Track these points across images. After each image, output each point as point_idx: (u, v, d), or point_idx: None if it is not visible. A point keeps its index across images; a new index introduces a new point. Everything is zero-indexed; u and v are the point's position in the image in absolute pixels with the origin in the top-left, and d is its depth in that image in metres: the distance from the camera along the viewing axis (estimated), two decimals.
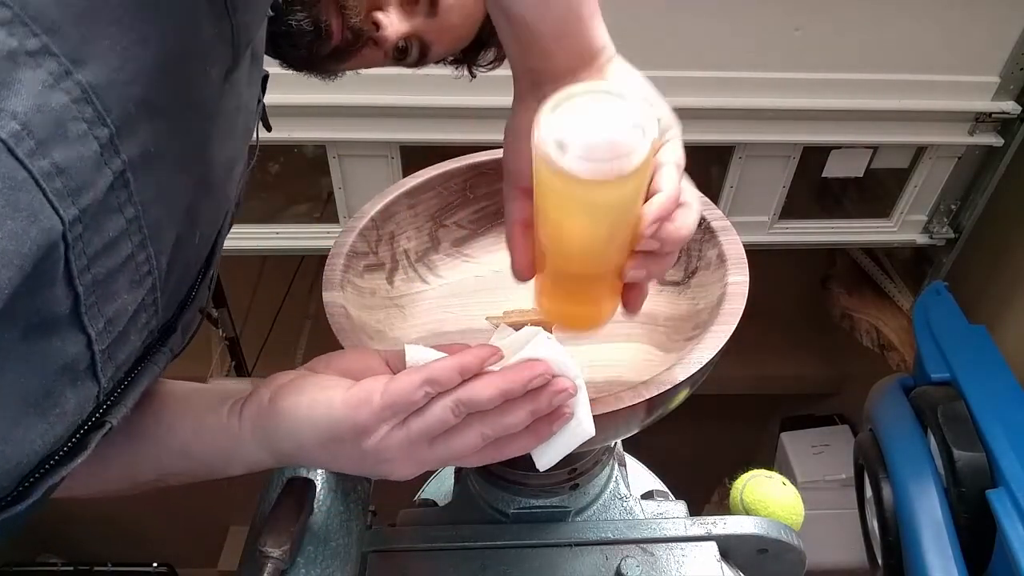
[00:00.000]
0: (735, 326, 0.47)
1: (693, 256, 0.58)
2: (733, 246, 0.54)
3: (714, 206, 0.57)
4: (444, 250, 0.64)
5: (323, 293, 0.52)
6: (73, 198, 0.28)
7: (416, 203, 0.61)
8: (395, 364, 0.43)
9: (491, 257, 0.64)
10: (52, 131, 0.27)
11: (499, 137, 0.64)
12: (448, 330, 0.58)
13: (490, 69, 0.69)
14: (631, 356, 0.56)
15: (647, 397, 0.43)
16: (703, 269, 0.56)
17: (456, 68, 0.70)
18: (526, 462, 0.55)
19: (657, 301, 0.59)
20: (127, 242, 0.31)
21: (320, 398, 0.40)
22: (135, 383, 0.36)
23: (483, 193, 0.65)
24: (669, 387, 0.43)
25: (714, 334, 0.47)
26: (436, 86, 1.32)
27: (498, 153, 0.63)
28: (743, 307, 0.49)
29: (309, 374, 0.43)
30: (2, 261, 0.26)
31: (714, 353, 0.45)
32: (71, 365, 0.31)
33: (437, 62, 0.66)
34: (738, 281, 0.51)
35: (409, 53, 0.62)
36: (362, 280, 0.57)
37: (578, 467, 0.57)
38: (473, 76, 0.70)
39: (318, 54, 0.58)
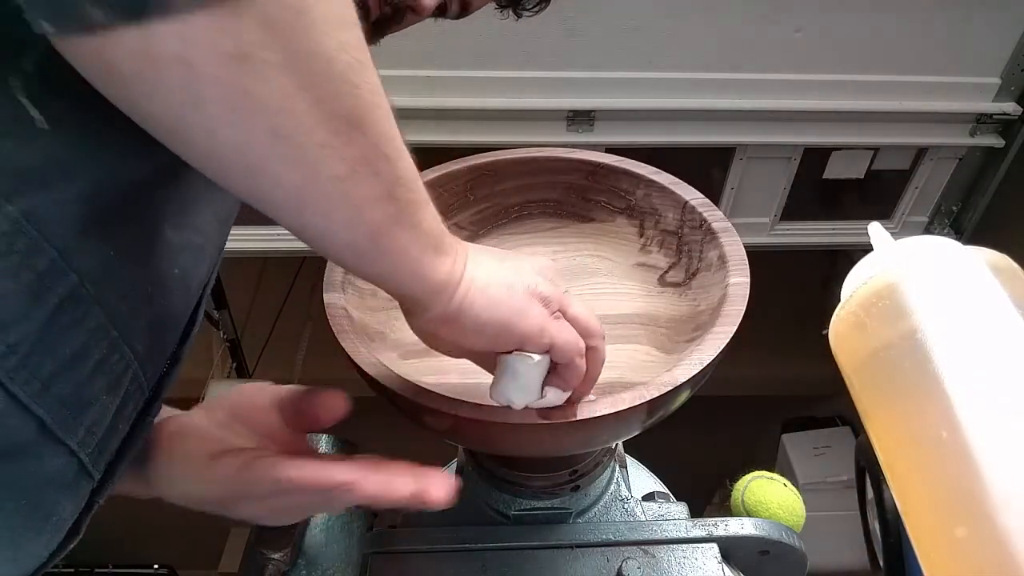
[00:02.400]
0: (736, 327, 0.47)
1: (694, 257, 0.58)
2: (734, 247, 0.54)
3: (715, 207, 0.57)
4: None
5: (324, 294, 0.52)
6: None
7: None
8: (287, 402, 0.45)
9: None
10: None
11: (499, 138, 0.63)
12: None
13: (536, 12, 0.65)
14: (632, 357, 0.56)
15: (648, 398, 0.42)
16: (704, 270, 0.56)
17: (502, 11, 0.67)
18: (526, 463, 0.55)
19: (658, 302, 0.59)
20: (94, 350, 0.31)
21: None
22: (122, 460, 0.36)
23: (484, 195, 0.65)
24: (670, 388, 0.43)
25: (715, 335, 0.47)
26: (436, 87, 1.33)
27: (499, 155, 0.63)
28: (744, 308, 0.49)
29: (192, 432, 0.44)
30: None
31: (715, 354, 0.45)
32: (57, 477, 0.31)
33: (480, 7, 0.64)
34: (739, 282, 0.51)
35: (449, 9, 0.61)
36: (363, 281, 0.57)
37: (579, 469, 0.57)
38: (519, 16, 0.66)
39: None
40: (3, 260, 0.27)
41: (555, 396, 0.42)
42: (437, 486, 0.39)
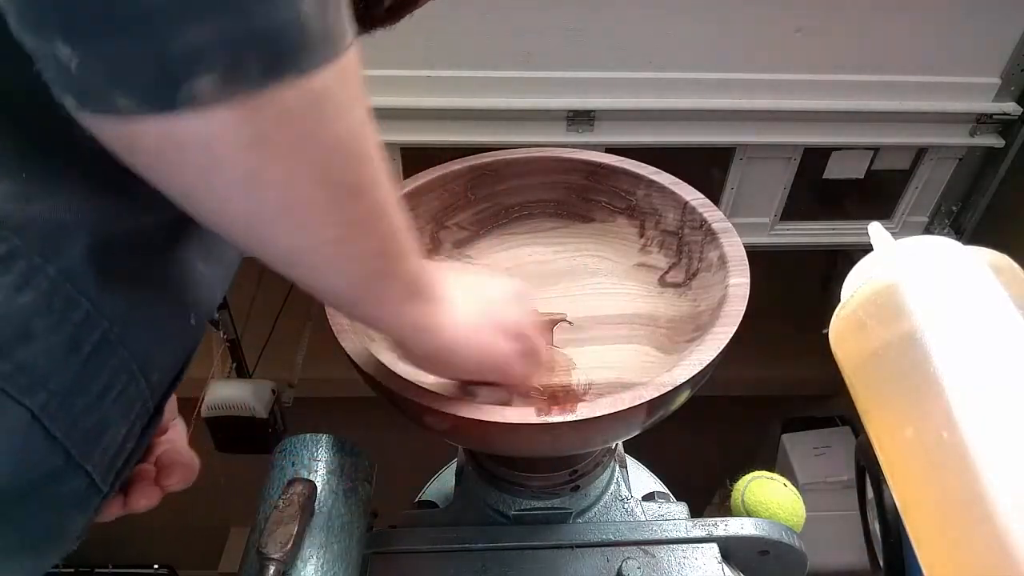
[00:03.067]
0: (736, 328, 0.47)
1: (695, 258, 0.58)
2: (734, 248, 0.54)
3: (715, 207, 0.57)
4: (445, 251, 0.64)
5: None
6: (41, 386, 0.30)
7: (417, 204, 0.61)
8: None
9: (492, 258, 0.64)
10: (14, 334, 0.29)
11: (499, 138, 0.63)
12: None
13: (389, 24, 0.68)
14: (632, 358, 0.56)
15: (648, 399, 0.42)
16: (704, 271, 0.56)
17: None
18: (526, 463, 0.55)
19: (658, 303, 0.59)
20: (116, 384, 0.34)
21: None
22: (125, 470, 0.38)
23: (484, 194, 0.65)
24: (670, 389, 0.43)
25: (715, 336, 0.47)
26: (436, 87, 1.33)
27: (499, 154, 0.63)
28: (744, 309, 0.49)
29: None
30: None
31: (715, 355, 0.45)
32: (74, 496, 0.33)
33: None
34: (739, 283, 0.51)
35: None
36: None
37: (579, 469, 0.57)
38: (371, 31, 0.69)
39: (374, 19, 0.58)
40: (46, 318, 0.30)
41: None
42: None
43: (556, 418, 0.42)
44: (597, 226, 0.65)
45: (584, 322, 0.59)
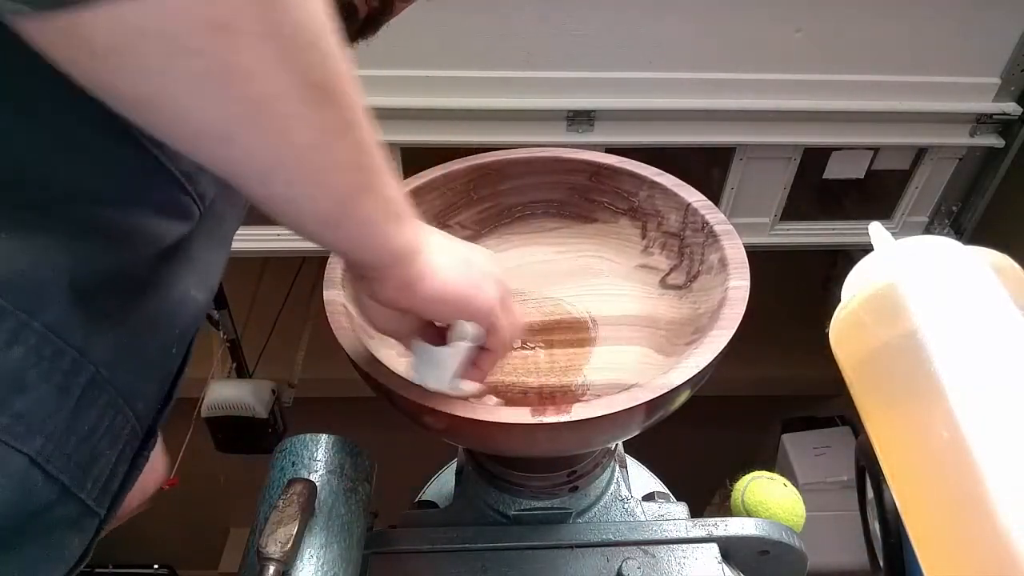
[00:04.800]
0: (735, 331, 0.47)
1: (695, 260, 0.58)
2: (735, 250, 0.54)
3: (716, 209, 0.57)
4: None
5: (324, 292, 0.52)
6: (38, 431, 0.31)
7: (419, 204, 0.61)
8: None
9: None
10: (10, 386, 0.30)
11: (500, 138, 0.63)
12: None
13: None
14: (632, 359, 0.56)
15: (646, 400, 0.42)
16: (705, 273, 0.56)
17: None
18: (526, 463, 0.55)
19: (658, 305, 0.59)
20: (105, 419, 0.35)
21: None
22: (124, 491, 0.39)
23: (486, 194, 0.65)
24: (668, 390, 0.43)
25: (714, 338, 0.47)
26: (436, 87, 1.33)
27: (501, 154, 0.63)
28: (743, 311, 0.49)
29: None
30: None
31: (713, 357, 0.45)
32: (67, 521, 0.34)
33: None
34: (739, 286, 0.51)
35: None
36: None
37: (578, 469, 0.57)
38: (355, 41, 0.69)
39: (351, 31, 0.57)
40: (36, 368, 0.31)
41: (469, 387, 0.45)
42: None
43: (553, 419, 0.42)
44: (599, 227, 0.65)
45: (585, 323, 0.59)
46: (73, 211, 0.32)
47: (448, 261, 0.40)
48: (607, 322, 0.60)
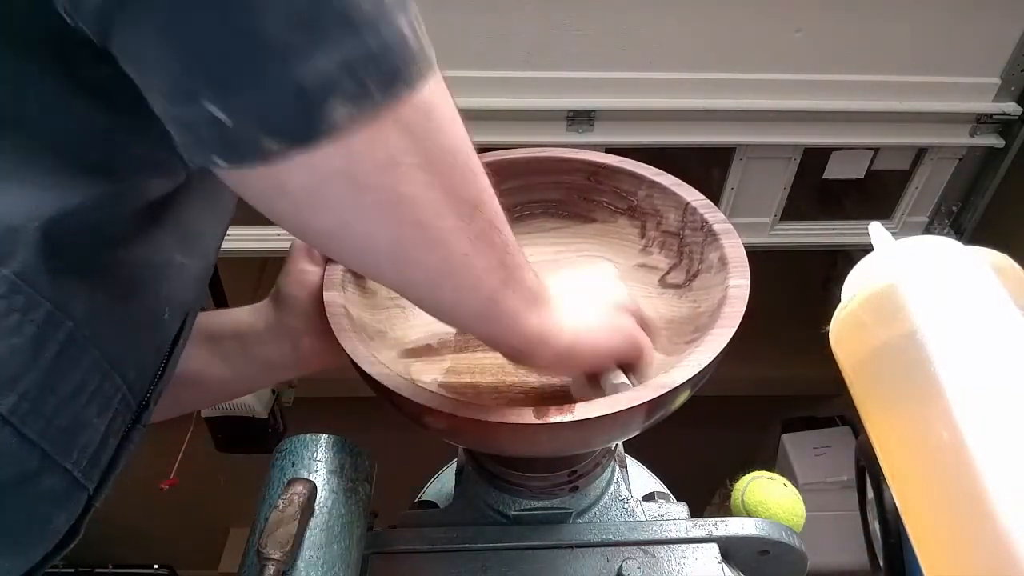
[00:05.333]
0: (735, 330, 0.47)
1: (695, 259, 0.58)
2: (735, 249, 0.54)
3: (716, 208, 0.57)
4: None
5: (323, 292, 0.52)
6: (9, 388, 0.30)
7: None
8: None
9: None
10: None
11: (500, 138, 0.63)
12: (450, 329, 0.58)
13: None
14: None
15: (645, 400, 0.42)
16: (704, 272, 0.56)
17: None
18: (526, 463, 0.55)
19: (658, 304, 0.59)
20: (89, 383, 0.34)
21: None
22: (115, 466, 0.38)
23: None
24: (668, 390, 0.43)
25: (714, 337, 0.47)
26: None
27: (500, 154, 0.63)
28: (743, 310, 0.49)
29: None
30: None
31: (713, 356, 0.45)
32: (52, 493, 0.34)
33: None
34: (739, 284, 0.51)
35: None
36: (363, 279, 0.57)
37: (578, 469, 0.57)
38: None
39: None
40: (5, 319, 0.30)
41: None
42: None
43: (554, 418, 0.42)
44: (598, 226, 0.65)
45: None
46: (45, 159, 0.32)
47: (587, 321, 0.45)
48: None
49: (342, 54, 0.26)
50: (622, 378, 0.46)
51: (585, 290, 0.48)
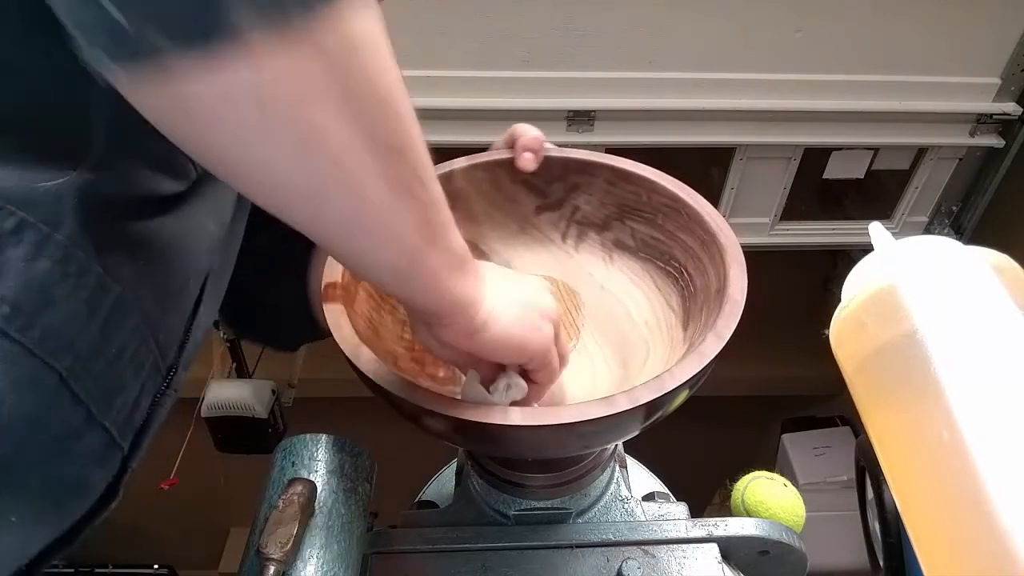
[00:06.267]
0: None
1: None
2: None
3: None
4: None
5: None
6: (67, 349, 0.32)
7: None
8: None
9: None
10: (38, 300, 0.31)
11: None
12: None
13: None
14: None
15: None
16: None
17: None
18: (526, 464, 0.55)
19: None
20: (130, 345, 0.35)
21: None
22: (148, 429, 0.39)
23: None
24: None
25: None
26: (436, 87, 1.33)
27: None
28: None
29: None
30: (14, 428, 0.30)
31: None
32: (92, 451, 0.35)
33: None
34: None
35: None
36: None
37: (578, 469, 0.57)
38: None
39: None
40: (63, 284, 0.31)
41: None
42: None
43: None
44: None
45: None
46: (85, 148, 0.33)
47: (507, 307, 0.42)
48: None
49: None
50: (520, 381, 0.45)
51: (515, 283, 0.45)
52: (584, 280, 0.63)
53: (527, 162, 0.57)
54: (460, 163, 0.62)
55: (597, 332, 0.60)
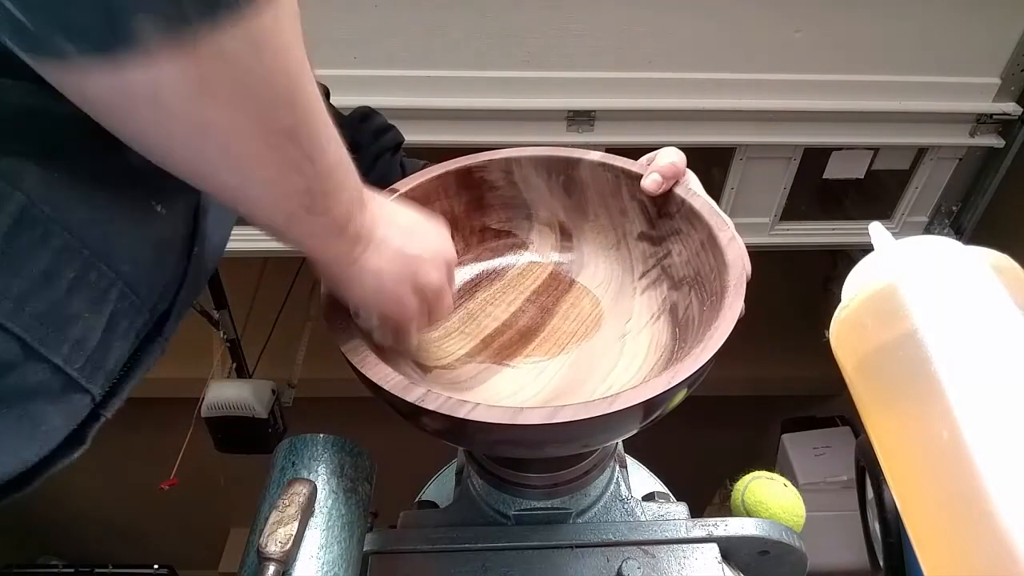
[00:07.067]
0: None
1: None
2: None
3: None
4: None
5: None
6: None
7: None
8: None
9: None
10: None
11: (500, 138, 0.63)
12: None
13: None
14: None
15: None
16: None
17: None
18: (526, 464, 0.55)
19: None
20: (65, 268, 0.33)
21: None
22: (130, 377, 0.38)
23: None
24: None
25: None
26: (436, 87, 1.33)
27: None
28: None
29: None
30: None
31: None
32: (43, 390, 0.33)
33: None
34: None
35: None
36: None
37: (578, 469, 0.57)
38: None
39: None
40: None
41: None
42: None
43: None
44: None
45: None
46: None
47: (382, 267, 0.44)
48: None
49: None
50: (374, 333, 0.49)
51: (408, 236, 0.47)
52: (614, 319, 0.60)
53: (651, 184, 0.57)
54: (593, 156, 0.61)
55: (569, 360, 0.57)
